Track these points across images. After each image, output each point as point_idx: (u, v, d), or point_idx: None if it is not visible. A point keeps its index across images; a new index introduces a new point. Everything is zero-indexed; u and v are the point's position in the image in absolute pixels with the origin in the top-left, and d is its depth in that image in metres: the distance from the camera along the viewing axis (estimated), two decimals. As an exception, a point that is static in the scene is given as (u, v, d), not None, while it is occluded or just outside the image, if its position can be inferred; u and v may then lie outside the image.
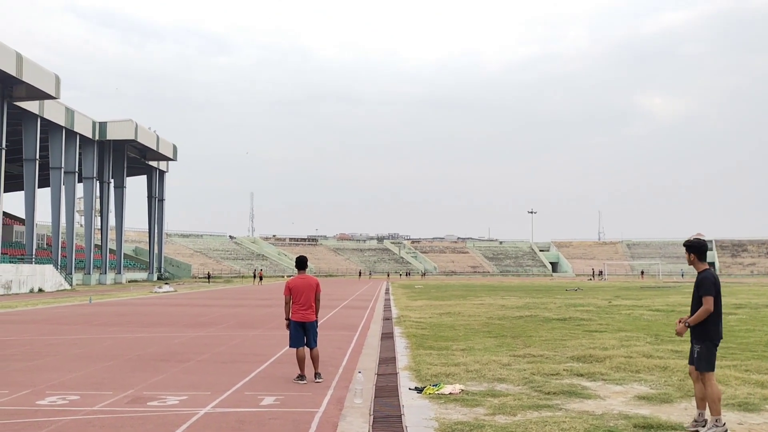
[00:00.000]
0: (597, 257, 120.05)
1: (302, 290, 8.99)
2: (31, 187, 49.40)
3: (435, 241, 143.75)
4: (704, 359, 6.20)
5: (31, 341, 13.56)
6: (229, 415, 6.86)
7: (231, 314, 21.77)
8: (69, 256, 55.41)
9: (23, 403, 7.39)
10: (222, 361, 10.82)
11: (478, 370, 9.56)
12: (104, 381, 8.84)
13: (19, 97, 45.40)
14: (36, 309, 24.23)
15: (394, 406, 7.36)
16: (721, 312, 6.27)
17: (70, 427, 6.31)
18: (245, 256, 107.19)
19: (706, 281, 6.22)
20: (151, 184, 74.87)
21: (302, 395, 7.99)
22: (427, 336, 14.52)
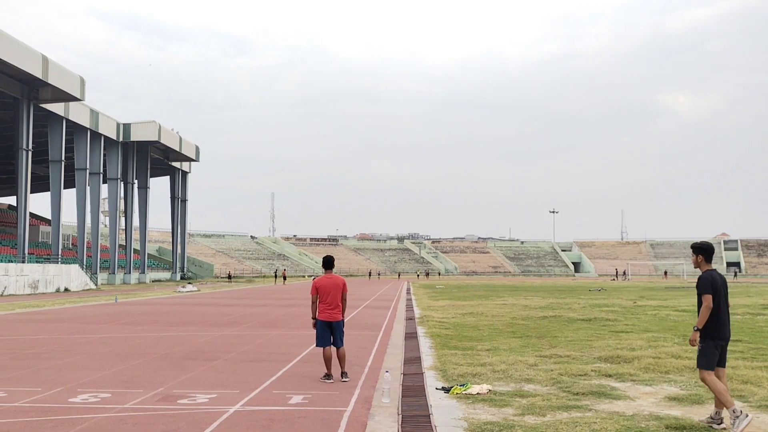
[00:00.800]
0: (620, 257, 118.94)
1: (329, 290, 9.02)
2: (57, 188, 50.13)
3: (456, 241, 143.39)
4: (703, 356, 6.29)
5: (61, 340, 13.76)
6: (258, 414, 6.90)
7: (254, 314, 21.91)
8: (94, 256, 56.14)
9: (56, 400, 7.51)
10: (248, 360, 10.90)
11: (504, 371, 9.52)
12: (134, 379, 8.94)
13: (44, 99, 46.11)
14: (63, 308, 24.59)
15: (422, 406, 7.36)
16: (722, 310, 6.32)
17: (103, 424, 6.40)
18: (266, 256, 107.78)
19: (701, 281, 6.37)
20: (174, 185, 75.64)
21: (330, 394, 8.01)
22: (451, 336, 14.49)
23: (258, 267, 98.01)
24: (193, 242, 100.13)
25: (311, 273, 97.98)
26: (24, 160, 45.03)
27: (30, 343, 13.06)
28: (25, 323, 17.91)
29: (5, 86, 42.54)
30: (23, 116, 44.59)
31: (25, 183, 45.29)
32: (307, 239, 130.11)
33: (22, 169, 45.06)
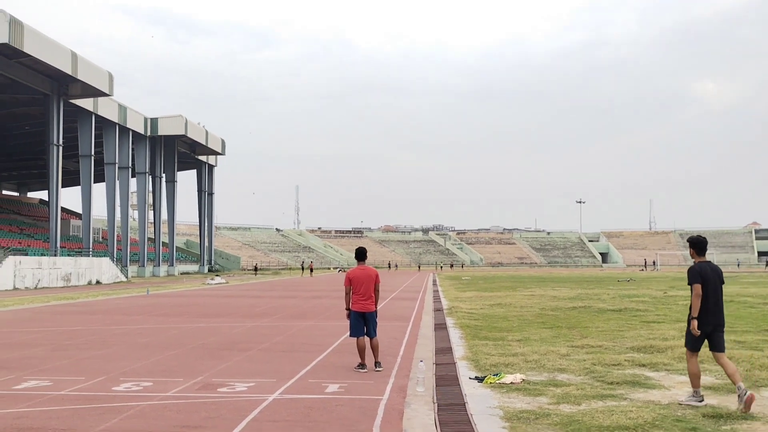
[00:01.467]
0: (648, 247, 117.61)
1: (362, 281, 9.14)
2: (87, 182, 50.99)
3: (481, 233, 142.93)
4: (689, 338, 6.90)
5: (98, 331, 14.09)
6: (296, 402, 7.04)
7: (284, 305, 22.15)
8: (124, 249, 57.03)
9: (100, 389, 7.73)
10: (282, 350, 11.07)
11: (537, 361, 9.56)
12: (173, 368, 9.16)
13: (74, 95, 46.87)
14: (97, 300, 25.09)
15: (457, 395, 7.44)
16: (709, 300, 6.77)
17: (148, 411, 6.58)
18: (292, 248, 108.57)
19: (690, 272, 6.87)
20: (201, 179, 76.43)
21: (365, 383, 8.13)
22: (481, 327, 14.53)
23: (284, 259, 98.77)
24: (220, 235, 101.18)
25: (336, 265, 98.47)
26: (55, 155, 45.84)
27: (69, 334, 13.39)
28: (62, 315, 18.34)
29: (36, 83, 43.33)
30: (53, 112, 45.39)
31: (56, 178, 46.13)
32: (332, 231, 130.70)
33: (52, 164, 45.89)
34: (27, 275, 37.98)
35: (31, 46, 38.51)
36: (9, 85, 43.78)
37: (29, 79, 42.64)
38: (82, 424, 6.07)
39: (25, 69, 41.94)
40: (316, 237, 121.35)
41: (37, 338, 12.72)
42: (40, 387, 7.81)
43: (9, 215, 63.09)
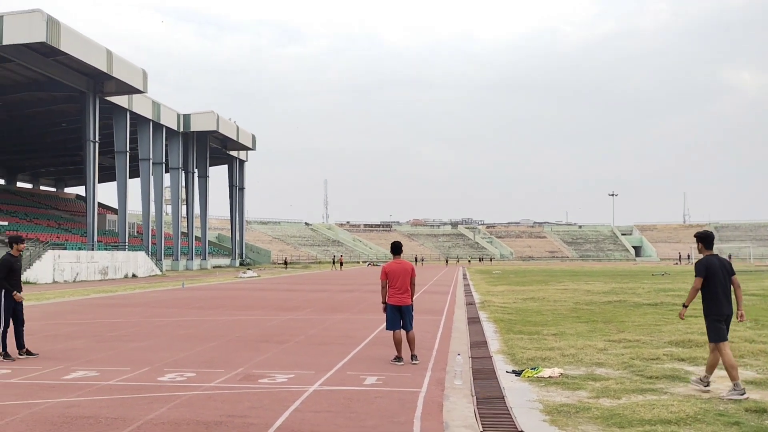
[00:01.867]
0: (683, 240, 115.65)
1: (398, 275, 9.22)
2: (123, 178, 51.95)
3: (510, 226, 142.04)
4: (711, 332, 7.19)
5: (139, 323, 14.42)
6: (336, 393, 7.16)
7: (316, 299, 22.36)
8: (158, 243, 57.99)
9: (146, 379, 7.94)
10: (318, 343, 11.21)
11: (574, 355, 9.55)
12: (214, 360, 9.35)
13: (109, 92, 47.74)
14: (134, 293, 25.61)
15: (495, 388, 7.48)
16: (717, 290, 7.09)
17: (194, 401, 6.76)
18: (321, 242, 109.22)
19: (697, 265, 7.25)
20: (232, 174, 77.28)
21: (402, 376, 8.22)
22: (515, 321, 14.52)
23: (313, 253, 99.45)
24: (251, 229, 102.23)
25: (365, 259, 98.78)
26: (91, 152, 46.77)
27: (110, 326, 13.73)
28: (103, 307, 18.78)
29: (72, 80, 44.22)
30: (89, 109, 46.30)
31: (92, 173, 47.08)
32: (361, 225, 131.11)
33: (89, 160, 46.83)
34: (66, 269, 38.89)
35: (68, 45, 39.29)
36: (46, 82, 44.78)
37: (66, 76, 43.55)
38: (131, 412, 6.26)
39: (62, 67, 42.84)
40: (345, 231, 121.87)
41: (81, 330, 13.07)
42: (88, 377, 8.06)
43: (47, 210, 64.63)
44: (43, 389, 7.36)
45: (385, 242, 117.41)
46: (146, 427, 5.75)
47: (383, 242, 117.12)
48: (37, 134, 59.40)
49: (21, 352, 9.61)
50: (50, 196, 74.09)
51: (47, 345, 10.88)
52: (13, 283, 9.59)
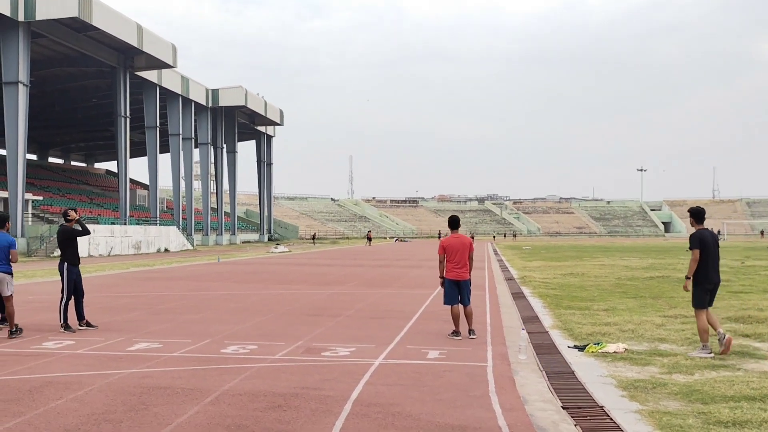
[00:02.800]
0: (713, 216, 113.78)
1: (457, 249, 9.15)
2: (153, 153, 52.35)
3: (537, 202, 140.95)
4: (695, 297, 7.87)
5: (186, 296, 14.57)
6: (402, 367, 7.14)
7: (353, 273, 22.42)
8: (189, 218, 58.55)
9: (209, 351, 8.01)
10: (369, 317, 11.22)
11: (633, 330, 9.42)
12: (271, 332, 9.40)
13: (139, 67, 47.93)
14: (171, 267, 25.92)
15: (560, 363, 7.41)
16: (708, 261, 7.76)
17: (263, 373, 6.79)
18: (348, 217, 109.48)
19: (691, 238, 7.88)
20: (260, 149, 77.48)
21: (464, 350, 8.17)
22: (561, 296, 14.40)
23: (340, 229, 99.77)
24: (278, 205, 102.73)
25: (392, 235, 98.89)
26: (123, 127, 47.16)
27: (159, 299, 13.89)
28: (145, 281, 19.02)
29: (103, 55, 44.47)
30: (120, 84, 46.58)
31: (124, 149, 47.52)
32: (387, 201, 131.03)
33: (121, 136, 47.24)
34: (100, 243, 39.47)
35: (99, 20, 39.40)
36: (77, 58, 45.09)
37: (97, 52, 43.79)
38: (205, 383, 6.30)
39: (93, 42, 43.06)
40: (372, 207, 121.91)
41: (132, 303, 13.24)
42: (152, 348, 8.14)
43: (78, 185, 65.52)
44: (111, 360, 7.45)
45: (412, 218, 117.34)
46: (224, 398, 5.78)
47: (410, 218, 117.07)
48: (68, 110, 60.02)
49: (81, 323, 9.76)
50: (81, 171, 75.05)
51: (104, 317, 11.03)
52: (72, 252, 9.70)
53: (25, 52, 37.33)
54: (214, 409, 5.44)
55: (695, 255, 7.75)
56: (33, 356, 7.67)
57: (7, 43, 36.80)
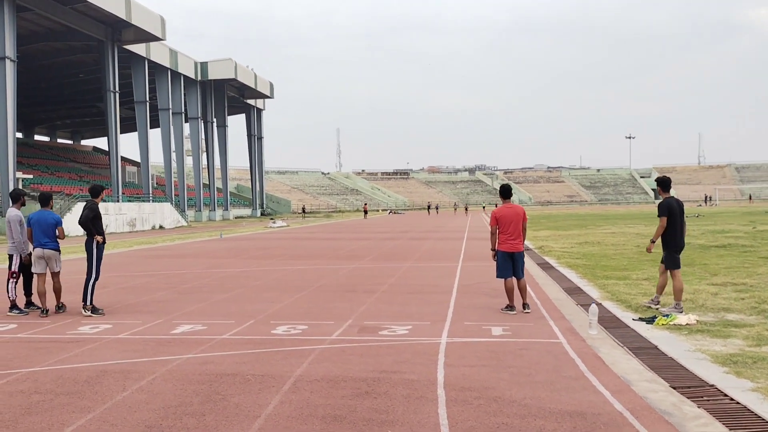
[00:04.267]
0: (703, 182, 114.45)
1: (510, 219, 8.71)
2: (144, 128, 51.22)
3: (528, 171, 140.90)
4: (668, 260, 8.46)
5: (204, 274, 14.06)
6: (473, 345, 6.73)
7: (365, 247, 21.98)
8: (181, 194, 57.69)
9: (260, 332, 7.55)
10: (407, 292, 10.80)
11: (691, 300, 9.08)
12: (313, 311, 8.95)
13: (127, 40, 46.59)
14: (175, 245, 25.33)
15: (636, 337, 7.03)
16: (675, 227, 8.36)
17: (329, 355, 6.35)
18: (339, 191, 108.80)
19: (660, 207, 8.42)
20: (250, 123, 76.29)
21: (526, 326, 7.78)
22: (591, 266, 14.06)
23: (332, 202, 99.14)
24: (269, 179, 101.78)
25: (384, 207, 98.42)
26: (112, 102, 46.02)
27: (179, 278, 13.38)
28: (154, 259, 18.47)
29: (90, 29, 43.15)
30: (108, 58, 45.30)
31: (114, 124, 46.42)
32: (378, 173, 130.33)
33: (110, 111, 46.10)
34: (96, 221, 38.65)
35: (86, -9, 38.11)
36: (63, 32, 43.74)
37: (84, 25, 42.48)
38: (274, 369, 5.86)
39: (80, 15, 41.76)
40: (363, 179, 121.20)
41: (152, 282, 12.73)
42: (198, 331, 7.68)
43: (66, 163, 64.25)
44: (160, 345, 6.98)
45: (403, 190, 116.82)
46: (303, 385, 5.34)
47: (401, 190, 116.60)
48: (54, 86, 58.58)
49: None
50: (68, 149, 73.61)
51: (129, 298, 10.54)
52: (99, 230, 9.19)
53: (12, 26, 36.06)
54: (298, 398, 5.01)
55: (662, 222, 8.33)
56: (74, 342, 7.18)
57: (-8, 17, 35.48)
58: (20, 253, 9.32)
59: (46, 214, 9.13)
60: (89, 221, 8.99)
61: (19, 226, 9.28)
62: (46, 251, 9.01)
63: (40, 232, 9.02)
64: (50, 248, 9.05)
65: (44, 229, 9.02)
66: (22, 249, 9.31)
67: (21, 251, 9.32)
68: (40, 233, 9.02)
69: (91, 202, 9.25)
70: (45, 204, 9.25)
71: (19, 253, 9.32)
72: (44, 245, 9.00)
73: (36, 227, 9.04)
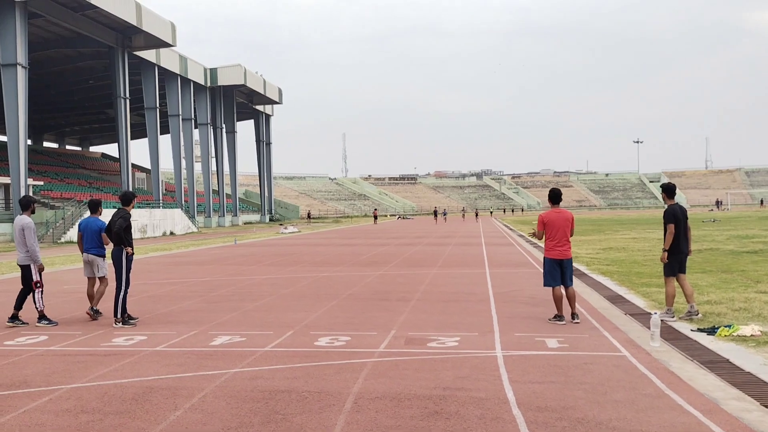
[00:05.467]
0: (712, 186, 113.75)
1: (559, 225, 8.38)
2: (154, 134, 51.10)
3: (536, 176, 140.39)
4: (666, 267, 8.46)
5: (230, 282, 13.75)
6: (533, 359, 6.38)
7: (386, 253, 21.65)
8: (191, 200, 57.51)
9: (301, 344, 7.22)
10: (443, 301, 10.45)
11: (746, 309, 8.71)
12: (352, 321, 8.62)
13: (137, 46, 46.53)
14: (191, 251, 25.05)
15: (703, 350, 6.67)
16: (680, 233, 8.39)
17: (382, 369, 6.00)
18: (347, 196, 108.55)
19: (666, 214, 8.47)
20: (259, 129, 76.17)
21: (580, 337, 7.43)
22: (625, 273, 13.70)
23: (340, 207, 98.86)
24: (277, 185, 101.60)
25: (393, 212, 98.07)
26: (122, 108, 45.90)
27: (205, 286, 13.07)
28: (175, 266, 18.18)
29: (101, 35, 43.07)
30: (119, 64, 45.20)
31: (125, 131, 46.29)
32: (386, 179, 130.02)
33: (121, 117, 45.97)
34: (108, 228, 38.42)
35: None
36: (74, 39, 43.69)
37: (94, 32, 42.39)
38: (329, 385, 5.52)
39: (90, 22, 41.67)
40: (371, 184, 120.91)
41: (178, 290, 12.42)
42: (238, 343, 7.35)
43: (75, 169, 64.14)
44: (202, 358, 6.65)
45: (411, 195, 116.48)
46: (364, 403, 5.01)
47: (409, 195, 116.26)
48: (63, 92, 58.57)
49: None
50: (76, 156, 73.52)
51: (158, 307, 10.23)
52: (129, 240, 8.91)
53: (23, 33, 35.95)
54: (365, 418, 4.67)
55: (671, 229, 8.33)
56: (111, 356, 6.87)
57: (4, 24, 35.37)
58: (35, 262, 8.92)
59: (92, 220, 9.34)
60: (122, 231, 8.69)
61: (32, 233, 8.92)
62: (90, 256, 9.30)
63: (88, 238, 9.28)
64: (93, 254, 9.28)
65: (90, 235, 9.29)
66: (35, 258, 8.91)
67: (35, 260, 8.93)
68: (88, 239, 9.28)
69: (123, 211, 8.98)
70: (94, 211, 9.47)
71: (34, 262, 8.91)
72: (89, 250, 9.30)
73: (85, 233, 9.31)
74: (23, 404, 5.15)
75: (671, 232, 8.32)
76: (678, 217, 8.37)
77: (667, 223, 8.39)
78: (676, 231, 8.34)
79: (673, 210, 8.42)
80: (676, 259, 8.39)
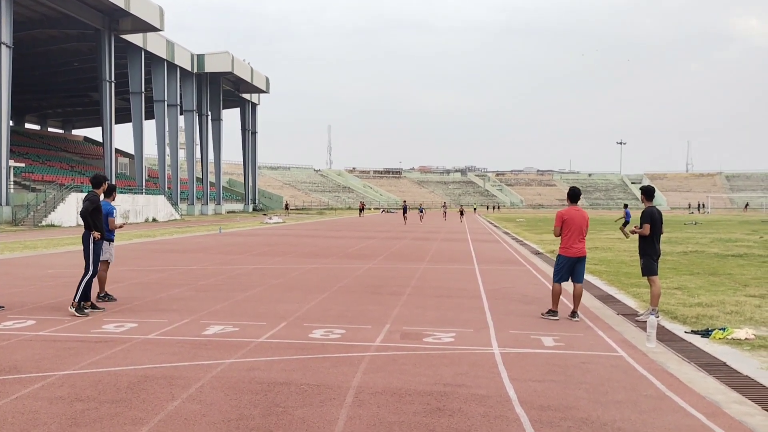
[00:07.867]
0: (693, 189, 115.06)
1: (577, 223, 8.58)
2: (139, 120, 50.50)
3: (519, 174, 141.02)
4: (646, 268, 8.66)
5: (216, 271, 13.61)
6: (531, 357, 6.36)
7: (372, 246, 21.59)
8: (174, 187, 56.95)
9: (295, 336, 7.14)
10: (435, 296, 10.41)
11: (737, 312, 8.78)
12: (345, 314, 8.54)
13: (124, 29, 45.84)
14: (175, 239, 24.80)
15: (698, 352, 6.70)
16: (655, 237, 8.68)
17: (380, 364, 5.94)
18: (332, 188, 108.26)
19: (643, 214, 8.77)
20: (245, 117, 75.60)
21: (576, 336, 7.42)
22: (613, 273, 13.77)
23: (324, 199, 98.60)
24: (261, 174, 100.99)
25: (376, 206, 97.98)
26: (107, 92, 45.26)
27: (192, 274, 12.92)
28: (161, 253, 17.96)
29: (87, 17, 42.38)
30: (105, 47, 44.54)
31: (109, 115, 45.69)
32: (370, 172, 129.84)
33: (105, 101, 45.35)
34: (90, 212, 37.93)
35: (86, -22, 37.38)
36: (59, 19, 42.93)
37: (81, 13, 41.71)
38: (327, 378, 5.45)
39: (77, 2, 41.00)
40: (355, 177, 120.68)
41: (166, 278, 12.26)
42: (231, 333, 7.25)
43: (57, 152, 63.20)
44: (196, 347, 6.55)
45: (396, 189, 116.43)
46: (365, 398, 4.94)
47: (393, 189, 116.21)
48: (47, 74, 57.58)
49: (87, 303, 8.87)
50: (58, 138, 72.47)
51: (146, 294, 10.08)
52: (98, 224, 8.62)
53: (8, 11, 35.30)
54: (367, 413, 4.61)
55: (646, 229, 8.62)
56: (103, 343, 6.73)
57: (-12, 1, 34.66)
58: None
59: (103, 204, 9.14)
60: (89, 213, 8.48)
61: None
62: None
63: None
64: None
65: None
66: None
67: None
68: None
69: (91, 194, 8.68)
70: (108, 195, 9.40)
71: None
72: None
73: None
74: (15, 390, 5.02)
75: (645, 230, 8.62)
76: (655, 219, 8.64)
77: (643, 223, 8.66)
78: (652, 232, 8.60)
79: (651, 211, 8.72)
80: (652, 259, 8.61)
